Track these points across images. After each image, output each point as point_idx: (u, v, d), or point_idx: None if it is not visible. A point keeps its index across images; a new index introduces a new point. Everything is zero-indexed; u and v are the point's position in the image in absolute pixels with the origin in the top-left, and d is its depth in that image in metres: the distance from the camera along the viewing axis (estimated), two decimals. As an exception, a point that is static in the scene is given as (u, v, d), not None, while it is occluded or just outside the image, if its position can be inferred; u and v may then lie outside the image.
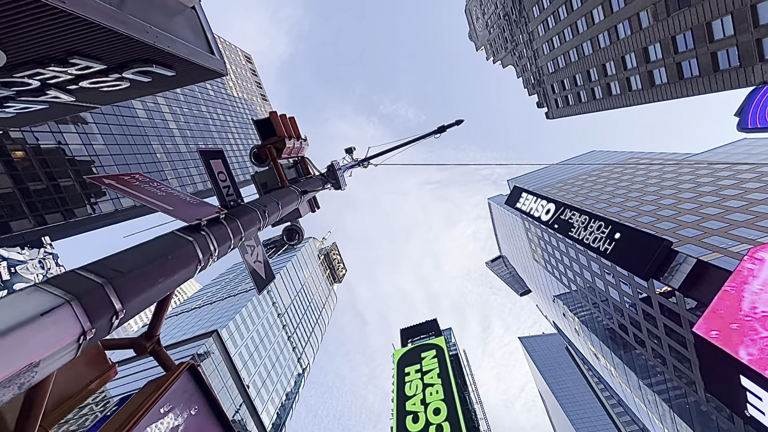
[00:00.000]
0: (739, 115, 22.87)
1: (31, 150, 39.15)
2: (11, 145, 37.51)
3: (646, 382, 46.22)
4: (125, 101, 50.94)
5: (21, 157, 37.97)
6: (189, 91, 65.12)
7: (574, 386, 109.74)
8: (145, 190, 2.10)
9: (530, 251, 77.02)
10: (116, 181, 2.18)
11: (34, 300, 0.96)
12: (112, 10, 2.79)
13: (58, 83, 3.36)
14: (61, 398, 1.61)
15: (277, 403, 68.54)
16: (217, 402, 2.02)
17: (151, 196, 2.21)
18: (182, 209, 2.00)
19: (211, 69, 4.07)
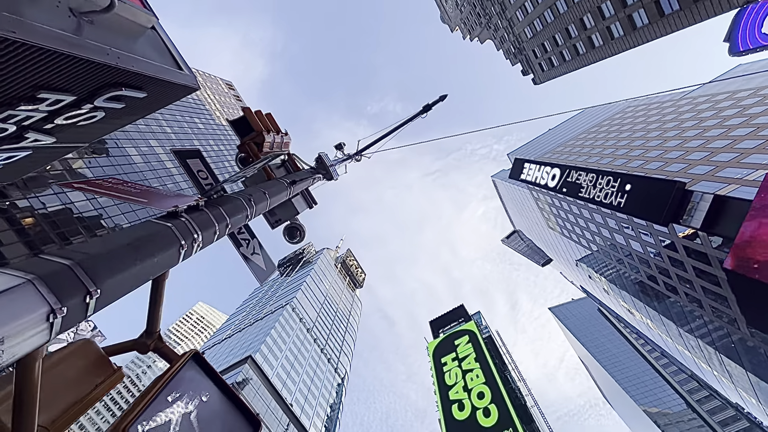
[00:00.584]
0: (728, 40, 22.31)
1: (39, 215, 40.00)
2: (20, 213, 38.35)
3: (686, 329, 45.40)
4: (120, 147, 51.55)
5: (31, 223, 38.77)
6: (179, 128, 65.77)
7: (613, 346, 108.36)
8: (119, 189, 2.08)
9: (543, 220, 76.24)
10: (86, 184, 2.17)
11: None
12: (67, 36, 2.77)
13: (33, 124, 3.35)
14: (67, 404, 1.60)
15: (323, 417, 68.99)
16: (228, 387, 2.00)
17: (124, 193, 2.19)
18: (158, 201, 1.99)
19: (182, 84, 4.04)
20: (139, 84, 3.64)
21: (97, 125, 4.01)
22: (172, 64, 4.10)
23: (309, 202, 4.97)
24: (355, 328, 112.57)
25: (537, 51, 55.01)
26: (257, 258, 3.63)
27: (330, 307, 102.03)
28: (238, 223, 2.55)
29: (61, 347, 1.70)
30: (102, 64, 3.08)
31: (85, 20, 3.12)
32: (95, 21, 3.23)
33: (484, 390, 42.04)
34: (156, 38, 4.21)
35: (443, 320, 61.59)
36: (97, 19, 3.25)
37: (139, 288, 2.36)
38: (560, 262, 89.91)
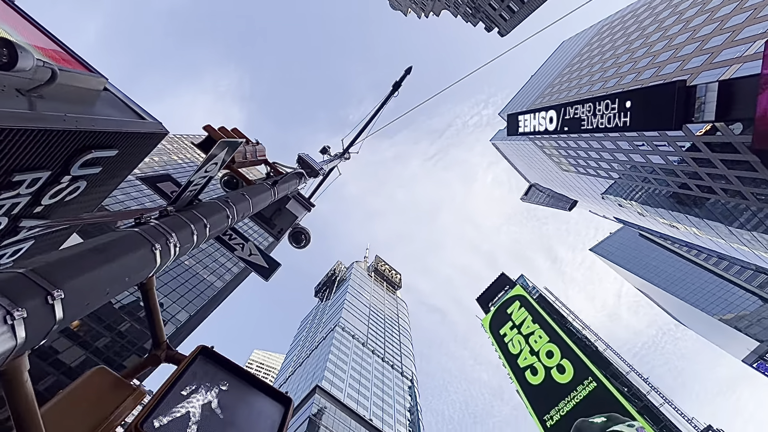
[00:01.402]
0: None
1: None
2: (65, 319, 39.85)
3: (735, 225, 43.47)
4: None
5: (78, 325, 40.35)
6: (182, 195, 67.32)
7: (667, 266, 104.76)
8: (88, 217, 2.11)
9: (555, 165, 74.60)
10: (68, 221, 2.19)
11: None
12: (22, 113, 2.82)
13: (22, 211, 3.44)
14: (89, 428, 1.60)
15: (405, 422, 69.02)
16: (247, 372, 1.96)
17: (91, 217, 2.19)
18: (125, 216, 1.99)
19: (149, 132, 4.11)
20: (107, 143, 3.72)
21: (85, 197, 4.11)
22: (134, 116, 4.16)
23: (305, 205, 4.97)
24: (407, 328, 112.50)
25: (493, 3, 54.10)
26: (256, 258, 3.65)
27: (377, 315, 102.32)
28: (220, 223, 2.55)
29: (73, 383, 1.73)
30: (61, 130, 3.15)
31: (34, 96, 3.20)
32: (44, 95, 3.32)
33: (551, 348, 41.22)
34: (112, 98, 4.30)
35: (489, 294, 60.82)
36: (45, 93, 3.33)
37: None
38: (586, 201, 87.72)
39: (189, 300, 53.47)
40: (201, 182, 2.44)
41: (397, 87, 8.09)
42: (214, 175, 2.57)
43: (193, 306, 53.11)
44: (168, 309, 50.12)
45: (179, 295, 52.96)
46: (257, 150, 4.41)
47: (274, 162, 4.82)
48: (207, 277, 60.09)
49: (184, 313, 51.08)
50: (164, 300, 50.90)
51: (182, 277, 56.19)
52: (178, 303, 51.71)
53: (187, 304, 52.54)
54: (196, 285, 57.01)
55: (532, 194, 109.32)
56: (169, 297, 51.65)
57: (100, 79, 4.08)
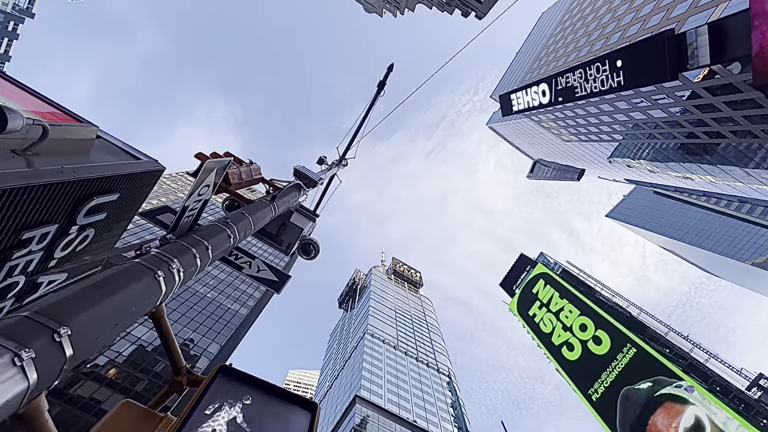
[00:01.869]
0: None
1: (119, 363, 42.35)
2: (99, 369, 40.77)
3: (751, 166, 42.33)
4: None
5: (115, 373, 41.14)
6: (194, 230, 68.35)
7: (687, 219, 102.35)
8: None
9: (556, 137, 73.70)
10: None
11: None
12: (20, 172, 2.90)
13: (37, 267, 3.53)
14: None
15: (450, 419, 68.52)
16: (269, 384, 1.97)
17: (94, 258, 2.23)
18: (126, 249, 2.03)
19: (146, 170, 4.20)
20: (107, 188, 3.81)
21: (96, 244, 4.21)
22: (129, 158, 4.26)
23: (309, 216, 4.99)
24: (436, 325, 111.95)
25: (467, -11, 53.98)
26: (265, 273, 3.68)
27: (403, 317, 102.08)
28: (222, 243, 2.57)
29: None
30: (60, 183, 3.23)
31: (30, 154, 3.30)
32: (40, 151, 3.42)
33: (583, 321, 40.52)
34: (106, 144, 4.40)
35: (511, 277, 60.15)
36: (40, 150, 3.43)
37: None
38: (593, 168, 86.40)
39: (217, 331, 54.12)
40: (197, 207, 2.47)
41: (382, 86, 8.11)
42: (209, 198, 2.60)
43: (222, 336, 53.71)
44: (199, 343, 50.80)
45: (207, 328, 53.64)
46: (252, 170, 4.46)
47: (272, 179, 4.87)
48: (231, 306, 60.76)
49: (214, 345, 51.68)
50: (194, 335, 51.63)
51: (207, 310, 56.93)
52: (208, 336, 52.36)
53: (216, 336, 53.17)
54: (222, 315, 57.68)
55: (537, 170, 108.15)
56: (198, 332, 52.36)
57: (92, 127, 4.19)
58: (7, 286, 3.25)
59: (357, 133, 8.09)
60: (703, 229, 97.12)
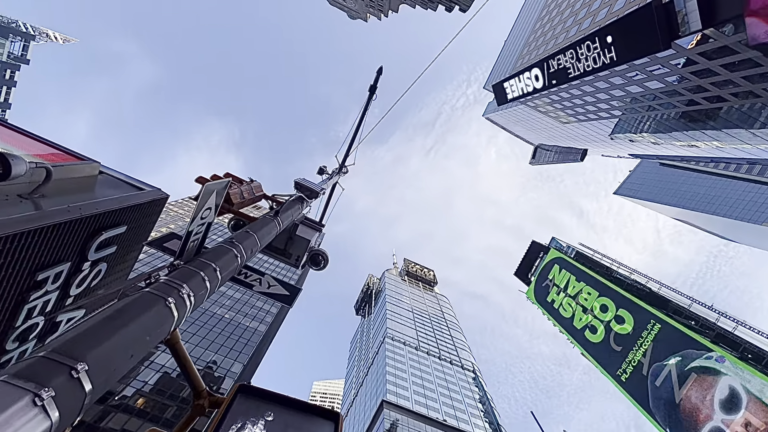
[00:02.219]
0: None
1: (146, 392, 42.77)
2: (127, 400, 41.17)
3: (757, 126, 41.57)
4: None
5: (143, 402, 41.54)
6: (205, 253, 69.00)
7: (697, 187, 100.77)
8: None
9: (554, 120, 73.18)
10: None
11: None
12: (29, 216, 2.96)
13: (56, 306, 3.59)
14: None
15: (480, 414, 67.93)
16: (290, 399, 1.96)
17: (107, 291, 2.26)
18: (136, 280, 2.05)
19: (151, 200, 4.26)
20: (114, 221, 3.88)
21: (109, 277, 4.28)
22: (133, 190, 4.33)
23: (315, 227, 5.01)
24: (455, 321, 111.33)
25: (447, -17, 54.05)
26: (276, 288, 3.69)
27: (421, 317, 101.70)
28: (230, 264, 2.59)
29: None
30: (68, 221, 3.29)
31: (36, 197, 3.38)
32: (45, 193, 3.49)
33: (603, 302, 40.07)
34: (109, 179, 4.49)
35: (525, 265, 59.73)
36: (46, 191, 3.50)
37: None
38: (596, 147, 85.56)
39: (239, 351, 54.42)
40: (201, 230, 2.50)
41: (374, 90, 8.13)
42: (212, 221, 2.63)
43: (244, 356, 53.99)
44: (222, 365, 51.11)
45: (228, 348, 53.97)
46: (253, 187, 4.50)
47: (273, 194, 4.90)
48: (249, 324, 61.09)
49: (237, 364, 51.96)
50: (216, 357, 51.98)
51: (227, 330, 57.30)
52: (230, 356, 52.67)
53: (238, 355, 53.46)
54: (242, 334, 58.03)
55: (539, 155, 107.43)
56: (220, 353, 52.71)
57: (94, 164, 4.27)
58: (27, 328, 3.31)
59: (354, 140, 8.13)
60: (715, 195, 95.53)
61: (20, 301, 3.12)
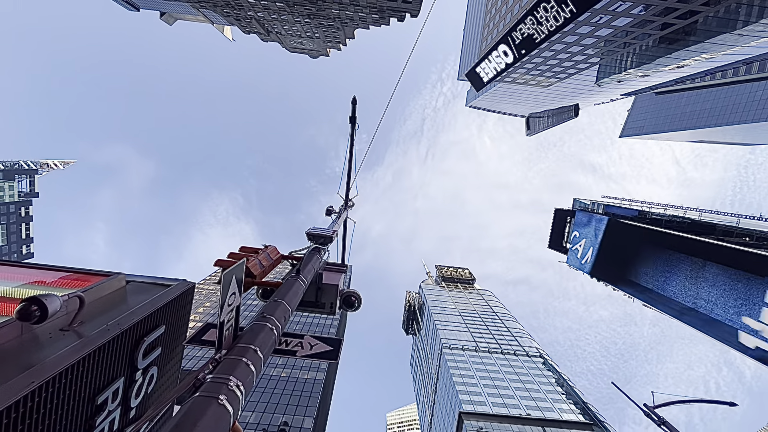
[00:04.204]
0: None
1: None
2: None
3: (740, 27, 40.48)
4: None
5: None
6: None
7: (703, 104, 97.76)
8: None
9: (536, 87, 72.83)
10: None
11: None
12: (74, 347, 3.09)
13: (121, 424, 3.67)
14: None
15: (562, 398, 65.05)
16: None
17: (159, 404, 2.29)
18: (184, 385, 2.08)
19: (179, 294, 4.40)
20: (152, 325, 4.01)
21: (163, 378, 4.38)
22: (161, 289, 4.48)
23: (339, 270, 5.05)
24: (506, 312, 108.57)
25: None
26: (318, 347, 3.68)
27: (471, 317, 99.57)
28: (268, 339, 2.62)
29: None
30: (112, 340, 3.42)
31: (76, 327, 3.53)
32: (83, 319, 3.65)
33: (647, 247, 38.61)
34: (137, 285, 4.67)
35: (556, 235, 58.41)
36: (83, 317, 3.66)
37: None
38: (586, 98, 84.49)
39: (305, 405, 54.02)
40: (232, 315, 2.55)
41: (354, 120, 8.29)
42: (239, 303, 2.69)
43: (311, 408, 53.52)
44: (293, 424, 50.71)
45: (294, 405, 53.65)
46: (269, 253, 4.59)
47: (290, 253, 4.99)
48: (307, 376, 60.80)
49: (308, 419, 51.47)
50: (285, 418, 51.67)
51: (288, 389, 57.13)
52: (298, 413, 52.28)
53: (305, 410, 53.04)
54: (303, 388, 57.73)
55: (533, 124, 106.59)
56: (288, 413, 52.41)
57: (119, 276, 4.46)
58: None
59: (350, 172, 8.25)
60: (722, 106, 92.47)
61: (89, 429, 3.22)
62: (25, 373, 2.81)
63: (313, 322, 74.65)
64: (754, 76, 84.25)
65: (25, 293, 3.88)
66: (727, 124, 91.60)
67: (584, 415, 59.47)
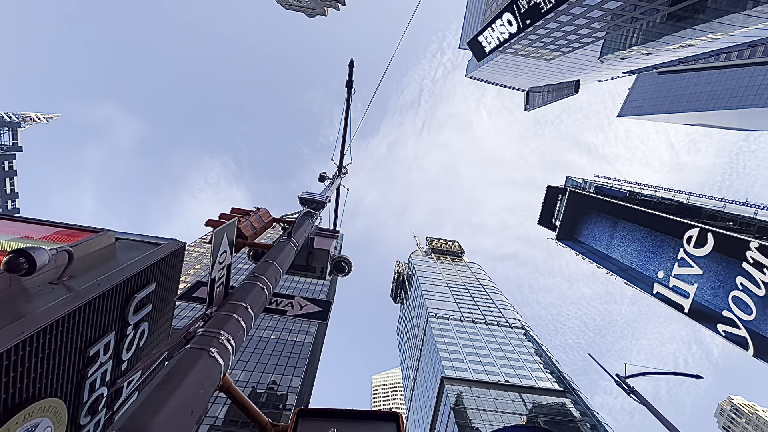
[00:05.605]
0: None
1: (218, 425, 44.63)
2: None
3: (749, 7, 39.48)
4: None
5: (219, 435, 43.25)
6: (236, 283, 70.64)
7: (704, 86, 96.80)
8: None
9: (538, 60, 71.09)
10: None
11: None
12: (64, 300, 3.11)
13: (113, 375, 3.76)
14: None
15: (540, 367, 68.18)
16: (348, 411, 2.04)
17: (156, 352, 2.37)
18: (175, 339, 2.14)
19: (170, 252, 4.40)
20: (143, 282, 4.03)
21: (155, 333, 4.47)
22: (151, 247, 4.47)
23: (330, 236, 5.08)
24: (492, 284, 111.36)
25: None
26: (309, 307, 3.78)
27: (458, 288, 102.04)
28: (258, 298, 2.67)
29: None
30: (103, 294, 3.44)
31: (65, 280, 3.54)
32: (73, 273, 3.65)
33: (634, 227, 39.40)
34: (126, 243, 4.65)
35: (547, 212, 59.02)
36: (72, 272, 3.66)
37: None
38: (588, 75, 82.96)
39: (294, 366, 55.97)
40: (223, 273, 2.58)
41: (350, 85, 8.05)
42: (231, 262, 2.70)
43: (299, 369, 55.49)
44: (282, 383, 52.67)
45: (283, 366, 55.58)
46: (261, 215, 4.57)
47: (282, 216, 4.98)
48: (297, 339, 62.62)
49: (296, 379, 53.45)
50: (275, 377, 53.62)
51: (277, 350, 58.96)
52: (287, 373, 54.22)
53: (294, 370, 55.01)
54: (292, 350, 59.63)
55: (532, 99, 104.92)
56: (277, 372, 54.33)
57: (108, 233, 4.42)
58: (94, 401, 3.51)
59: (345, 139, 8.11)
60: (722, 89, 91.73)
61: (81, 379, 3.30)
62: (16, 323, 2.84)
63: (303, 288, 75.87)
64: (758, 60, 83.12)
65: (12, 246, 3.85)
66: (726, 108, 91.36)
67: (559, 383, 62.63)
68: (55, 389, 2.99)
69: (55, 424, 3.02)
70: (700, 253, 30.99)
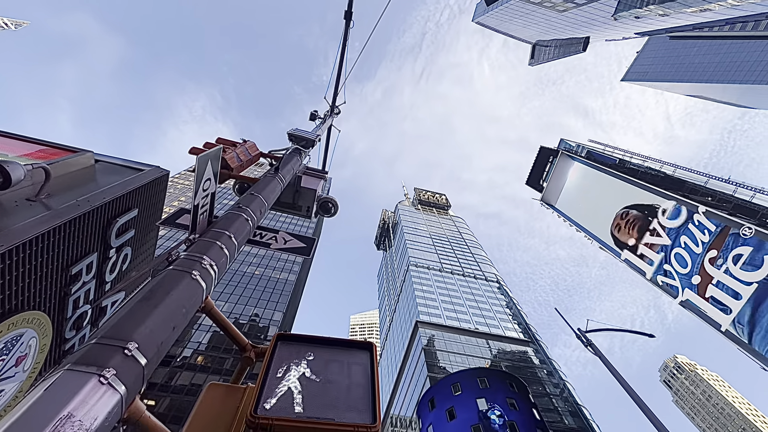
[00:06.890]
0: None
1: (201, 350, 46.94)
2: (188, 360, 45.32)
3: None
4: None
5: (203, 359, 45.75)
6: (221, 218, 70.69)
7: (714, 56, 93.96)
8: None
9: (550, 10, 67.07)
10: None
11: (47, 389, 1.17)
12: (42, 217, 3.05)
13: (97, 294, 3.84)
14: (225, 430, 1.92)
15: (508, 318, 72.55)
16: (325, 338, 2.17)
17: (139, 273, 2.41)
18: (158, 260, 2.19)
19: (153, 179, 4.31)
20: (125, 207, 3.98)
21: (138, 258, 4.52)
22: (133, 173, 4.36)
23: (318, 176, 5.02)
24: (473, 239, 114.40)
25: None
26: (293, 242, 3.84)
27: (440, 240, 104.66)
28: (242, 228, 2.69)
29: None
30: (83, 215, 3.39)
31: (43, 198, 3.45)
32: (51, 192, 3.56)
33: (619, 187, 40.09)
34: (107, 166, 4.50)
35: (536, 172, 59.28)
36: (51, 190, 3.57)
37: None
38: (599, 32, 79.15)
39: (276, 301, 58.20)
40: (207, 201, 2.55)
41: (350, 16, 7.47)
42: (215, 190, 2.66)
43: (281, 305, 57.79)
44: (264, 316, 55.04)
45: (266, 300, 57.73)
46: (248, 148, 4.44)
47: (270, 151, 4.84)
48: (280, 276, 64.45)
49: (277, 313, 55.83)
50: (257, 310, 55.91)
51: (261, 285, 60.84)
52: (269, 307, 56.48)
53: (276, 305, 57.30)
54: (275, 286, 61.62)
55: (538, 54, 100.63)
56: (259, 306, 56.54)
57: (87, 154, 4.25)
58: (78, 316, 3.61)
59: (340, 76, 7.71)
60: (731, 61, 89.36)
61: (64, 295, 3.35)
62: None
63: (289, 228, 76.50)
64: (761, 34, 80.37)
65: (-16, 159, 3.69)
66: (730, 82, 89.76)
67: (524, 334, 67.22)
68: (38, 302, 3.04)
69: (40, 335, 3.12)
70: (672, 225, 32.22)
